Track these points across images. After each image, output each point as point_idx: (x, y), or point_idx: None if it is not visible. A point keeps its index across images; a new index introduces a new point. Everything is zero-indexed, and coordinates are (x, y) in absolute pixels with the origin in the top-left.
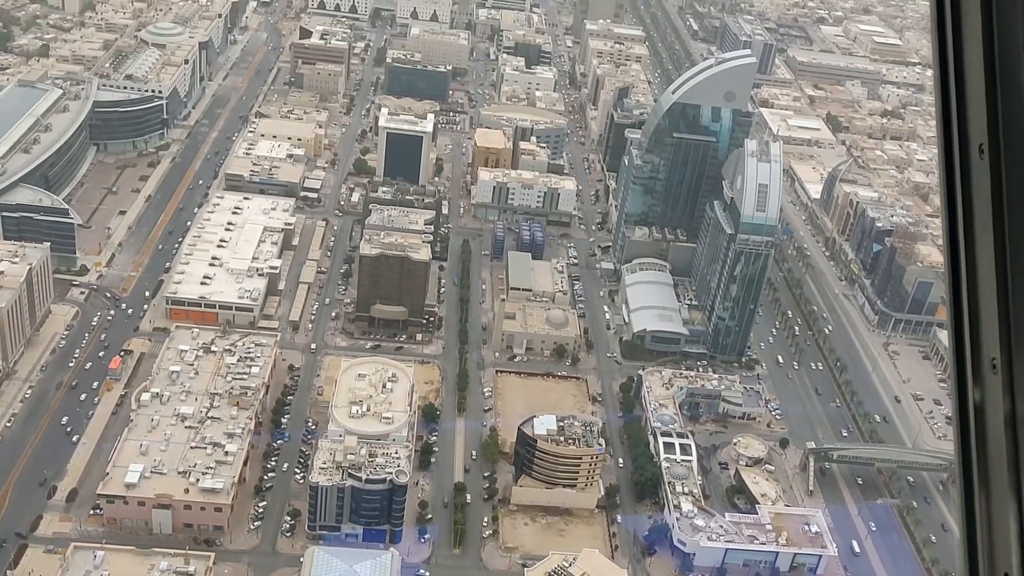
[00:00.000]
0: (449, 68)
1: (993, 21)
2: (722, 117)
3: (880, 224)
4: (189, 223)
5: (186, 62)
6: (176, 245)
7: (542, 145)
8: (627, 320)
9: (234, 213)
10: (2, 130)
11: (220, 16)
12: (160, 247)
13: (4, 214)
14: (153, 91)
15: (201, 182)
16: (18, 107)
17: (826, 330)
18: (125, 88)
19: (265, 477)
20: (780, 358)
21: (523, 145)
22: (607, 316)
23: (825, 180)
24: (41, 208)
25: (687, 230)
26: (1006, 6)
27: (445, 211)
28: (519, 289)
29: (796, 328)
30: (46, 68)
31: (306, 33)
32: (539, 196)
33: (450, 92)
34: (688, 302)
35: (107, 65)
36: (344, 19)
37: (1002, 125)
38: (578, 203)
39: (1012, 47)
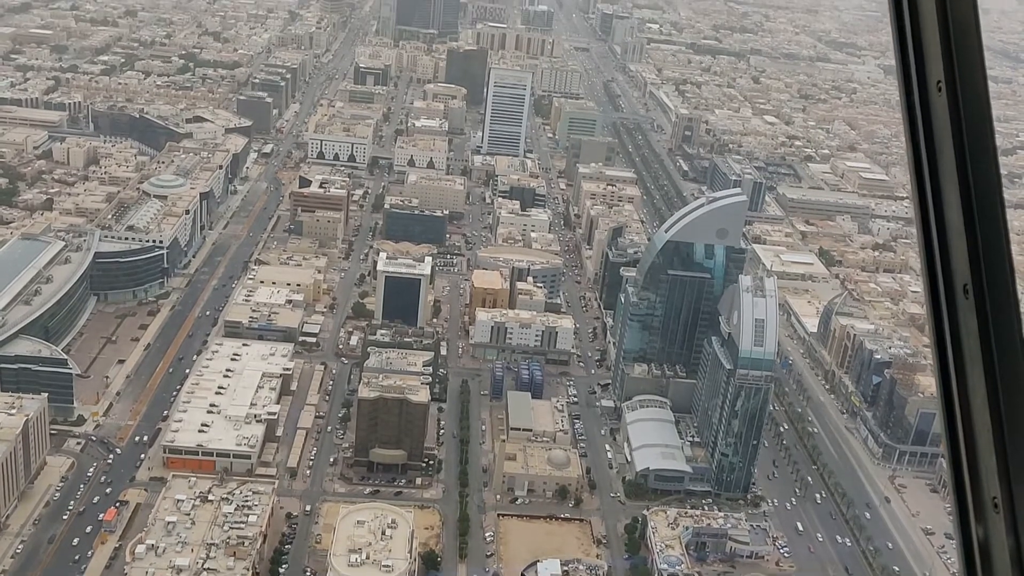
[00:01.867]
0: (446, 212)
1: (967, 165)
2: (716, 254)
3: (878, 356)
4: (188, 371)
5: (187, 212)
6: (174, 393)
7: (539, 285)
8: (629, 459)
9: (233, 359)
10: (4, 283)
11: (221, 167)
12: (158, 395)
13: (3, 366)
14: (154, 241)
15: (200, 330)
16: (21, 260)
17: (830, 464)
18: (126, 239)
19: None
20: (785, 494)
21: (520, 285)
22: (609, 455)
23: (821, 314)
24: (40, 359)
25: (686, 366)
26: (977, 141)
27: (444, 352)
28: (519, 429)
29: (800, 463)
30: (50, 221)
31: (305, 182)
32: (537, 335)
33: (447, 235)
34: (690, 439)
35: (109, 217)
36: (343, 168)
37: (984, 266)
38: (576, 341)
39: (988, 191)
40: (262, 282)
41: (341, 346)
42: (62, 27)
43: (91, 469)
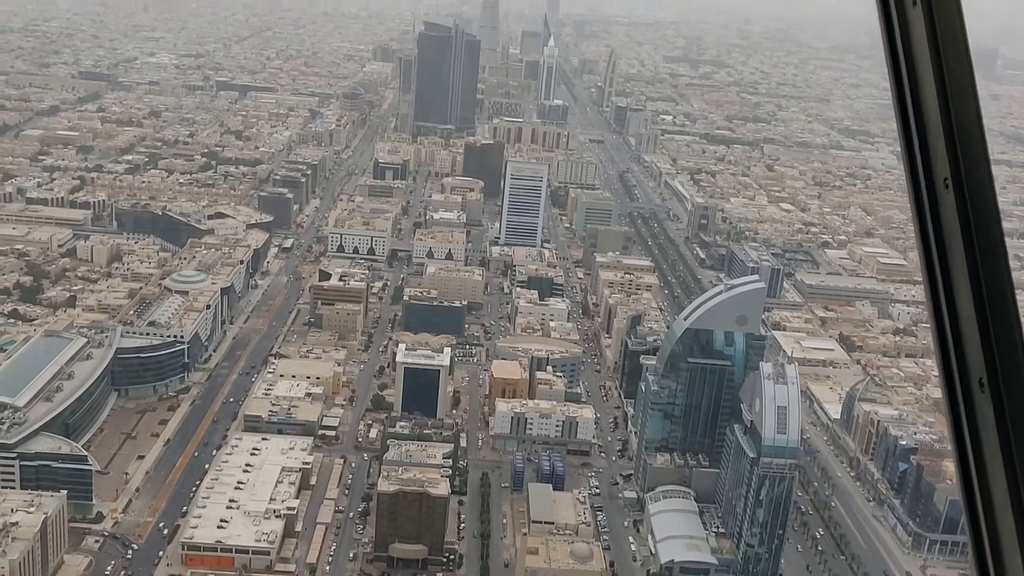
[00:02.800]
0: (465, 303)
1: (977, 260)
2: (736, 341)
3: (904, 443)
4: (207, 466)
5: (208, 307)
6: (193, 489)
7: (558, 375)
8: (653, 551)
9: (252, 454)
10: (26, 380)
11: (242, 262)
12: (177, 491)
13: (23, 463)
14: (174, 337)
15: (220, 424)
16: (43, 357)
17: (859, 554)
18: (147, 334)
19: None
20: None
21: (539, 375)
22: (633, 547)
23: (844, 400)
24: (60, 456)
25: (709, 455)
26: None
27: (463, 444)
28: (541, 522)
29: (828, 552)
30: (72, 318)
31: (325, 275)
32: (558, 426)
33: (466, 326)
34: (715, 530)
35: (131, 313)
36: (362, 261)
37: (999, 359)
38: (597, 431)
39: (998, 283)
40: (282, 375)
41: (360, 439)
42: (88, 128)
43: (109, 567)
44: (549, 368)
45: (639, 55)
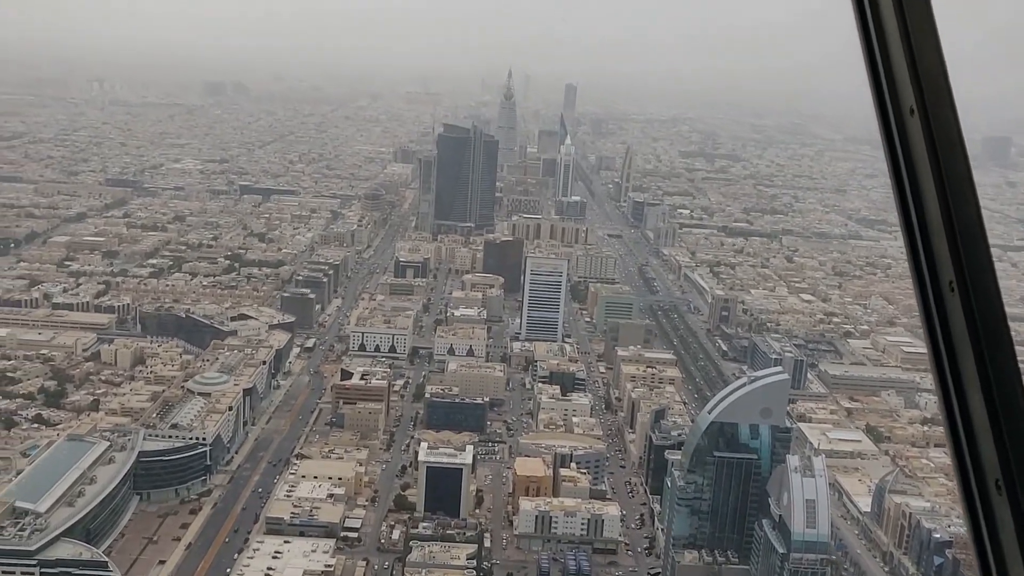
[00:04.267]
0: (486, 400)
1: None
2: (761, 434)
3: (938, 535)
4: (229, 571)
5: (230, 409)
6: None
7: (582, 471)
8: None
9: (274, 557)
10: (48, 485)
11: (264, 363)
12: None
13: (43, 570)
14: (197, 439)
15: (242, 527)
16: (65, 461)
17: None
18: (170, 437)
19: None
20: None
21: (563, 472)
22: None
23: (873, 492)
24: (81, 562)
25: (738, 551)
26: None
27: (487, 544)
28: None
29: None
30: (95, 422)
31: (347, 374)
32: (583, 523)
33: (488, 423)
34: None
35: (154, 416)
36: (384, 359)
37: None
38: (623, 529)
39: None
40: (304, 476)
41: (383, 540)
42: (114, 234)
43: None
44: (573, 464)
45: (655, 151)
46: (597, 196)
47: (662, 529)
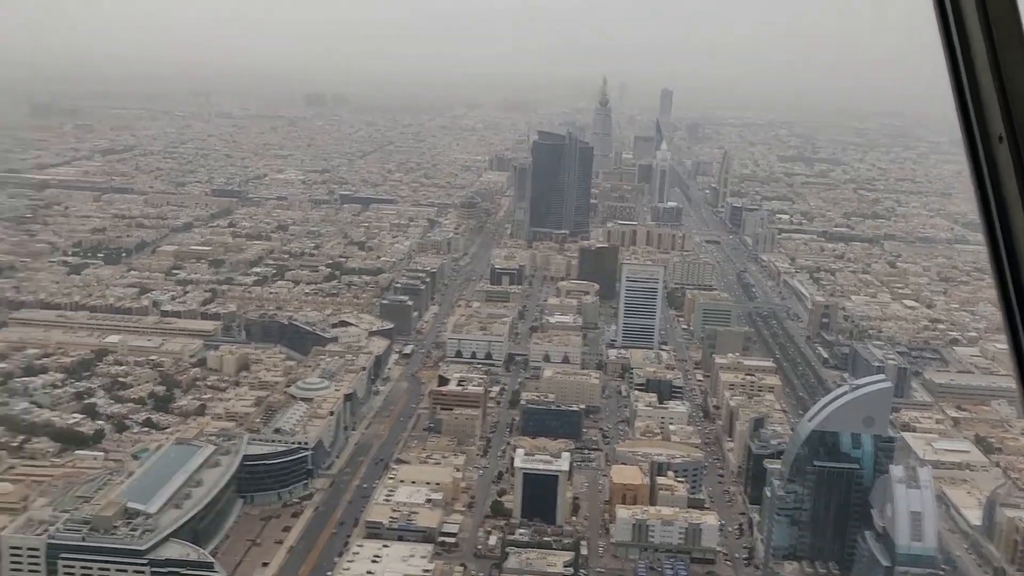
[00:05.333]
0: (582, 407)
1: None
2: (863, 443)
3: None
4: (329, 574)
5: (331, 414)
6: None
7: (680, 480)
8: None
9: (373, 561)
10: (158, 487)
11: (364, 369)
12: None
13: (153, 570)
14: (299, 443)
15: (342, 531)
16: (173, 464)
17: None
18: (273, 441)
19: None
20: None
21: (660, 480)
22: None
23: (984, 505)
24: (188, 563)
25: (840, 563)
26: None
27: (584, 552)
28: None
29: None
30: (202, 426)
31: (444, 381)
32: (680, 533)
33: (584, 430)
34: None
35: (258, 421)
36: (480, 365)
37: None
38: (721, 538)
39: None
40: (402, 481)
41: (480, 546)
42: (220, 243)
43: None
44: (670, 473)
45: (753, 155)
46: (694, 201)
47: (761, 539)
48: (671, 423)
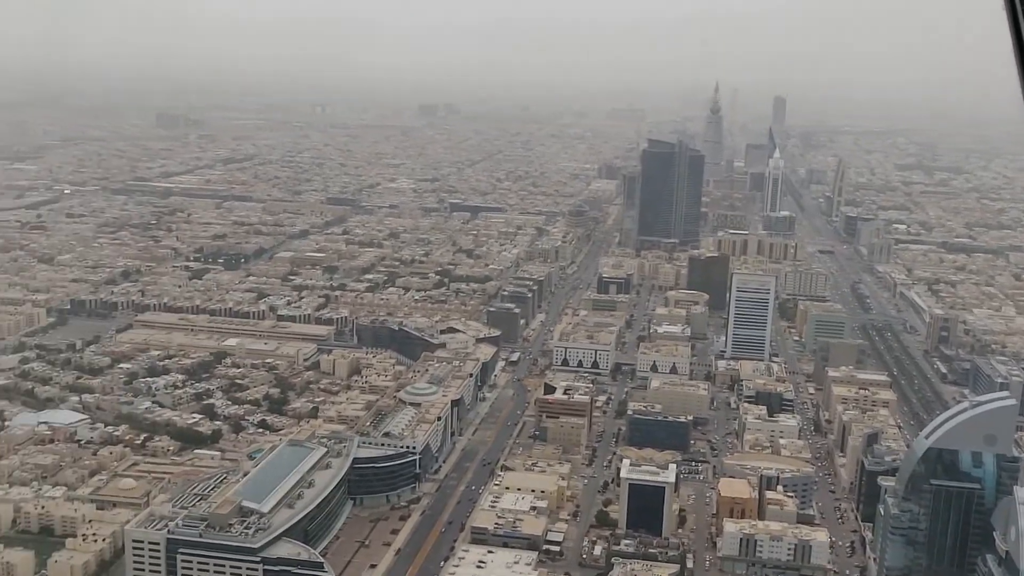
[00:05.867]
0: (690, 418)
1: None
2: (985, 462)
3: None
4: None
5: (439, 419)
6: None
7: (789, 494)
8: None
9: (478, 567)
10: (271, 487)
11: (471, 375)
12: None
13: (266, 567)
14: (407, 447)
15: (448, 535)
16: (287, 465)
17: None
18: (382, 445)
19: None
20: None
21: (769, 495)
22: None
23: None
24: (299, 562)
25: None
26: None
27: (690, 565)
28: None
29: None
30: (314, 428)
31: (550, 389)
32: (789, 549)
33: (691, 441)
34: None
35: (368, 424)
36: (586, 374)
37: None
38: (832, 556)
39: None
40: (507, 488)
41: (584, 555)
42: (334, 250)
43: None
44: (779, 487)
45: (868, 164)
46: (807, 211)
47: (874, 559)
48: (781, 436)
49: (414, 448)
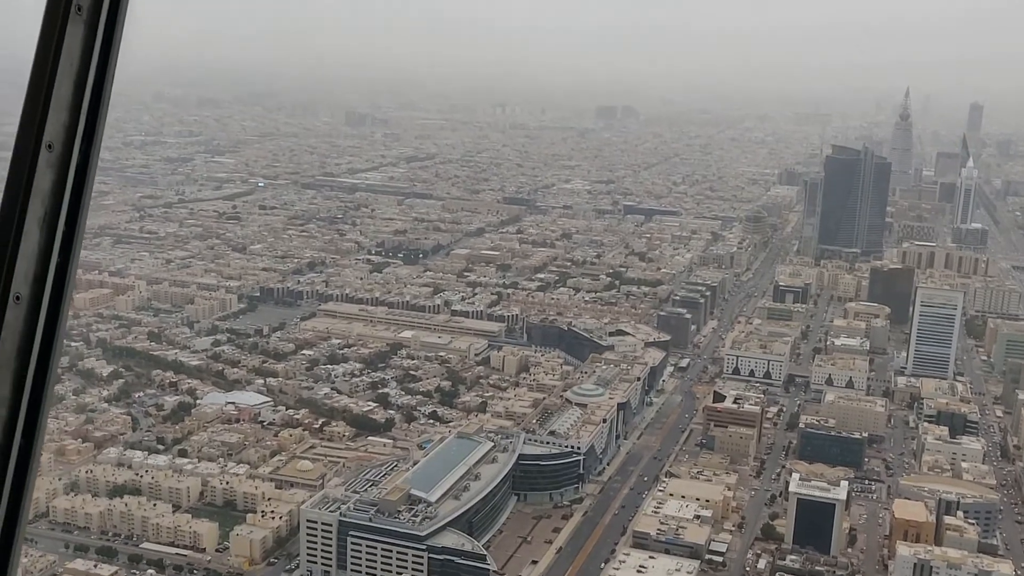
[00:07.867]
0: (865, 435)
1: None
2: None
3: None
4: None
5: (604, 421)
6: None
7: (970, 521)
8: None
9: (638, 572)
10: (439, 477)
11: (639, 379)
12: None
13: (430, 556)
14: (572, 447)
15: (609, 538)
16: (455, 457)
17: None
18: (547, 443)
19: None
20: None
21: (947, 520)
22: None
23: None
24: (463, 552)
25: None
26: None
27: None
28: None
29: None
30: (482, 423)
31: (719, 397)
32: None
33: (865, 459)
34: None
35: (534, 421)
36: (758, 384)
37: None
38: None
39: None
40: (671, 495)
41: (748, 568)
42: (507, 248)
43: None
44: (959, 513)
45: None
46: (1002, 224)
47: None
48: (963, 459)
49: (578, 448)
